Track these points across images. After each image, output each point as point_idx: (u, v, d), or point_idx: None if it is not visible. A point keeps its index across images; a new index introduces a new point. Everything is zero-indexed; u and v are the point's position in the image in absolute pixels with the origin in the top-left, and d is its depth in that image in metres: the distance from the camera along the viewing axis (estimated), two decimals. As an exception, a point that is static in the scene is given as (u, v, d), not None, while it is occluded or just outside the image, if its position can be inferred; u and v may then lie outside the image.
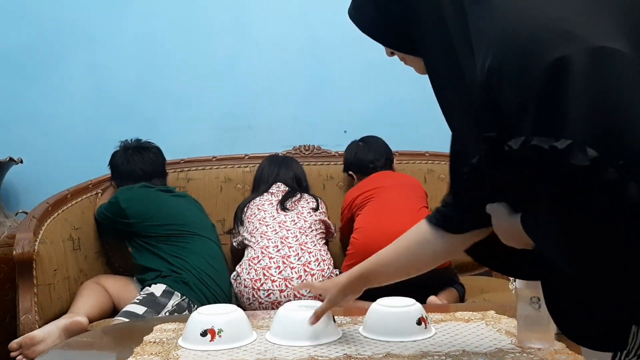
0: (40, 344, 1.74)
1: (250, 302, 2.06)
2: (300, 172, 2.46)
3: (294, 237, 2.14)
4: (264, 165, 2.47)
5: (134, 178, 2.30)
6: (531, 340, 1.28)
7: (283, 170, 2.42)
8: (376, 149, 2.45)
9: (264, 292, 2.03)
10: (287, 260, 2.07)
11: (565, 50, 0.65)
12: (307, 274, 2.06)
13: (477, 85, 0.75)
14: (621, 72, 0.64)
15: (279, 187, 2.35)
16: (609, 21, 0.67)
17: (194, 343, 1.34)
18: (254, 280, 2.05)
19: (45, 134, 2.67)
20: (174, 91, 2.73)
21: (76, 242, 2.20)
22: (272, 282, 2.04)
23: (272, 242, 2.12)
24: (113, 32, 2.71)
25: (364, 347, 1.31)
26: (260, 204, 2.28)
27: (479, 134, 0.76)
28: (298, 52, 2.74)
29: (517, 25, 0.70)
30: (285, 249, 2.10)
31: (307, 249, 2.11)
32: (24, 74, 2.68)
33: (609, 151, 0.61)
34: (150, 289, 2.00)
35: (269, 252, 2.10)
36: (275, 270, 2.05)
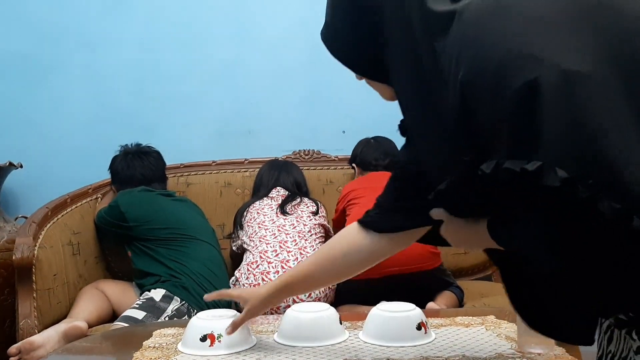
0: (39, 349, 1.74)
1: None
2: (300, 177, 2.47)
3: (293, 241, 2.14)
4: (264, 170, 2.48)
5: (134, 182, 2.30)
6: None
7: (283, 175, 2.42)
8: (384, 149, 2.45)
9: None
10: (286, 265, 2.07)
11: (535, 73, 0.66)
12: None
13: (451, 111, 0.76)
14: (591, 93, 0.65)
15: (278, 191, 2.35)
16: (580, 42, 0.68)
17: (193, 348, 1.34)
18: (252, 286, 2.04)
19: (44, 139, 2.67)
20: (174, 96, 2.73)
21: (76, 247, 2.20)
22: None
23: (270, 246, 2.12)
24: (112, 37, 2.71)
25: (364, 352, 1.30)
26: (260, 208, 2.28)
27: (450, 159, 0.77)
28: (298, 57, 2.75)
29: (487, 50, 0.71)
30: (284, 253, 2.10)
31: (306, 253, 2.11)
32: (23, 79, 2.68)
33: (581, 171, 0.63)
34: (150, 293, 2.00)
35: (268, 256, 2.09)
36: (274, 275, 2.04)
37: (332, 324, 1.40)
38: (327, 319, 1.40)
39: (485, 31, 0.73)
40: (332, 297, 2.11)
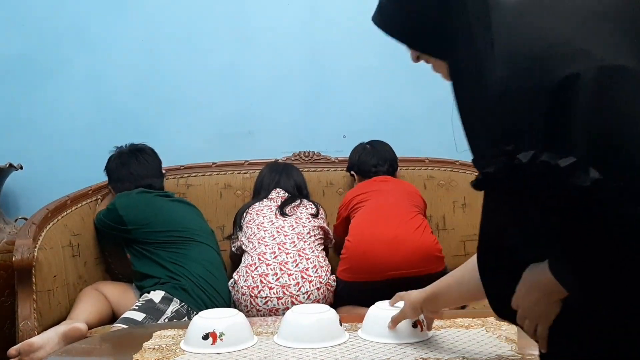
0: (39, 351, 1.74)
1: (248, 310, 2.04)
2: (300, 180, 2.46)
3: (292, 242, 2.13)
4: (264, 172, 2.47)
5: (131, 181, 2.29)
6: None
7: (284, 178, 2.42)
8: (381, 154, 2.45)
9: (261, 300, 2.02)
10: (285, 266, 2.06)
11: (575, 68, 0.66)
12: (304, 280, 2.05)
13: (493, 96, 0.76)
14: (630, 88, 0.64)
15: (278, 192, 2.35)
16: (618, 39, 0.67)
17: (195, 346, 1.35)
18: (251, 288, 2.04)
19: (45, 141, 2.67)
20: (174, 97, 2.73)
21: (75, 248, 2.19)
22: (270, 290, 2.03)
23: (269, 248, 2.12)
24: (112, 39, 2.71)
25: (363, 353, 1.30)
26: (259, 209, 2.28)
27: (493, 143, 0.77)
28: (298, 58, 2.75)
29: (529, 42, 0.71)
30: (283, 255, 2.09)
31: (305, 255, 2.11)
32: (23, 81, 2.68)
33: (613, 168, 0.62)
34: (149, 295, 1.99)
35: (266, 258, 2.09)
36: (272, 277, 2.04)
37: (332, 325, 1.40)
38: (327, 321, 1.40)
39: (528, 23, 0.73)
40: (331, 298, 2.11)
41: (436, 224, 2.52)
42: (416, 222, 2.10)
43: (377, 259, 2.01)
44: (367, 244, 2.04)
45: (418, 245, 2.02)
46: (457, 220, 2.53)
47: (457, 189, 2.58)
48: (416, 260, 2.01)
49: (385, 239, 2.02)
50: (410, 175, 2.59)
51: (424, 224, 2.12)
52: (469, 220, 2.53)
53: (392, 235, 2.03)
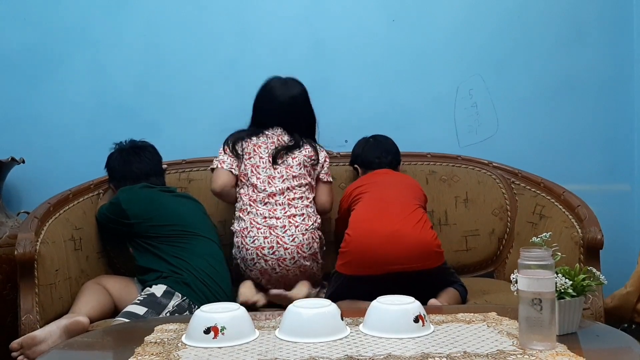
0: (41, 344, 1.74)
1: (239, 249, 2.19)
2: (308, 115, 2.43)
3: (281, 193, 2.22)
4: (270, 88, 2.41)
5: (132, 178, 2.29)
6: (533, 342, 1.27)
7: (288, 117, 2.37)
8: (384, 147, 2.45)
9: (250, 239, 2.17)
10: (273, 212, 2.19)
11: None
12: (291, 224, 2.18)
13: None
14: None
15: (275, 131, 2.35)
16: None
17: (197, 340, 1.35)
18: (242, 229, 2.19)
19: (47, 135, 2.67)
20: (176, 92, 2.73)
21: (78, 242, 2.20)
22: (257, 230, 2.17)
23: (260, 196, 2.22)
24: (115, 34, 2.71)
25: (365, 347, 1.31)
26: (257, 145, 2.32)
27: None
28: (300, 53, 2.74)
29: None
30: (272, 202, 2.21)
31: (294, 204, 2.22)
32: (26, 76, 2.68)
33: None
34: (151, 289, 2.00)
35: (257, 205, 2.21)
36: (268, 251, 2.16)
37: (334, 320, 1.41)
38: (328, 315, 1.40)
39: None
40: (317, 250, 2.23)
41: (438, 219, 2.52)
42: (416, 216, 2.10)
43: (376, 254, 2.01)
44: (367, 238, 2.04)
45: (418, 240, 2.02)
46: (458, 216, 2.53)
47: (459, 184, 2.58)
48: (415, 255, 2.01)
49: (385, 234, 2.02)
50: (413, 170, 2.59)
51: (424, 218, 2.11)
52: (471, 216, 2.53)
53: (392, 230, 2.03)
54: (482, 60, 2.79)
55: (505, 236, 2.53)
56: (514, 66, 2.80)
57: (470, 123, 2.80)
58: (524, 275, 1.28)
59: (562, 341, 1.31)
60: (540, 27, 2.80)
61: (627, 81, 2.83)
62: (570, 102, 2.81)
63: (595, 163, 2.82)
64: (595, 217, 2.13)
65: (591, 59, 2.81)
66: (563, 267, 1.45)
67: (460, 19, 2.79)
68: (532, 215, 2.42)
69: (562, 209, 2.29)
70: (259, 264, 2.16)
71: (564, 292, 1.38)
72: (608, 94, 2.82)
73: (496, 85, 2.79)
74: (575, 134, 2.81)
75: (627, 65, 2.82)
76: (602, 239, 2.04)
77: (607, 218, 2.25)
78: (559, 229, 2.19)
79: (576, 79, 2.81)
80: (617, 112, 2.83)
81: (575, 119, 2.81)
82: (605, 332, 1.47)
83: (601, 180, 2.82)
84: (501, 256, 2.53)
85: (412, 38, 2.78)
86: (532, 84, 2.80)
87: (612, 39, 2.82)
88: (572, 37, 2.81)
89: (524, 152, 2.75)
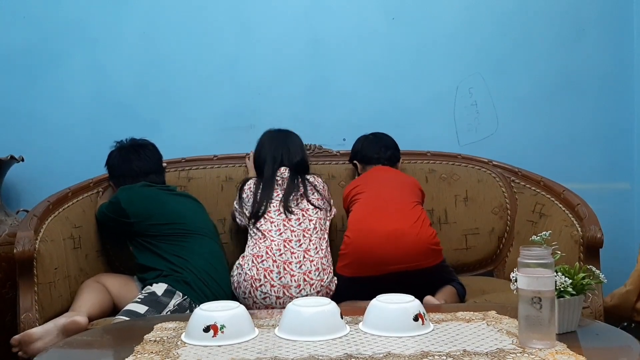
0: (37, 342, 1.75)
1: (245, 297, 2.06)
2: (303, 154, 2.39)
3: (298, 241, 2.12)
4: (265, 144, 2.38)
5: (132, 176, 2.29)
6: (532, 340, 1.27)
7: (286, 154, 2.33)
8: (383, 143, 2.45)
9: (260, 294, 2.04)
10: (288, 267, 2.06)
11: None
12: (306, 283, 2.05)
13: None
14: None
15: (283, 174, 2.28)
16: None
17: (196, 339, 1.35)
18: (254, 279, 2.05)
19: (46, 133, 2.66)
20: (175, 90, 2.73)
21: (77, 240, 2.20)
22: (271, 287, 2.03)
23: (275, 244, 2.10)
24: (114, 32, 2.70)
25: (364, 346, 1.30)
26: (267, 197, 2.22)
27: None
28: (300, 51, 2.74)
29: None
30: (288, 254, 2.08)
31: (309, 257, 2.09)
32: (25, 74, 2.68)
33: None
34: (152, 288, 2.00)
35: (273, 254, 2.08)
36: (276, 275, 2.04)
37: (333, 318, 1.41)
38: (328, 314, 1.40)
39: None
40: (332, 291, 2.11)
41: (438, 218, 2.52)
42: (415, 214, 2.10)
43: (376, 255, 2.01)
44: (366, 238, 2.03)
45: (417, 239, 2.02)
46: (458, 214, 2.53)
47: (458, 182, 2.58)
48: (415, 254, 2.01)
49: (384, 234, 2.02)
50: (412, 169, 2.59)
51: (423, 215, 2.11)
52: (471, 214, 2.53)
53: (391, 229, 2.03)
54: (482, 59, 2.79)
55: (505, 235, 2.53)
56: (514, 65, 2.80)
57: (470, 121, 2.80)
58: (524, 273, 1.28)
59: (561, 340, 1.31)
60: (540, 26, 2.80)
61: (627, 80, 2.83)
62: (570, 101, 2.81)
63: (595, 161, 2.82)
64: (595, 215, 2.13)
65: (591, 58, 2.81)
66: (563, 266, 1.45)
67: (460, 18, 2.79)
68: (532, 213, 2.42)
69: (562, 207, 2.29)
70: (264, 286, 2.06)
71: (564, 290, 1.38)
72: (608, 93, 2.82)
73: (496, 83, 2.79)
74: (575, 133, 2.81)
75: (627, 64, 2.82)
76: (601, 238, 2.04)
77: (606, 216, 2.25)
78: (559, 227, 2.19)
79: (576, 78, 2.81)
80: (617, 111, 2.83)
81: (575, 118, 2.81)
82: (605, 330, 1.47)
83: (601, 179, 2.82)
84: (501, 255, 2.53)
85: (412, 36, 2.78)
86: (532, 82, 2.80)
87: (612, 38, 2.82)
88: (572, 35, 2.81)
89: (523, 151, 2.75)
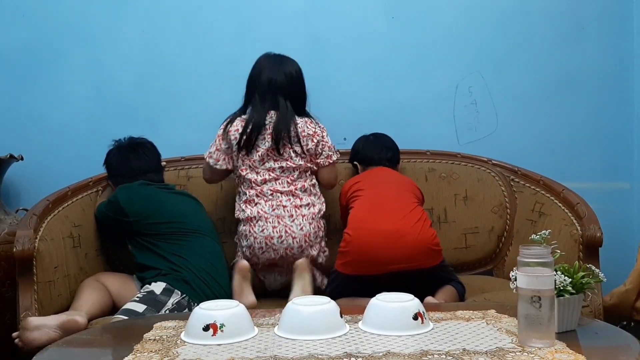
0: (33, 331, 1.75)
1: (247, 237, 2.17)
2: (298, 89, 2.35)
3: (282, 186, 2.21)
4: (262, 67, 2.36)
5: (131, 175, 2.29)
6: (532, 339, 1.27)
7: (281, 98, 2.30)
8: (384, 144, 2.45)
9: (259, 228, 2.16)
10: (284, 223, 2.17)
11: None
12: (298, 214, 2.18)
13: None
14: None
15: (272, 117, 2.26)
16: None
17: (196, 338, 1.35)
18: (249, 218, 2.18)
19: (45, 132, 2.66)
20: (175, 89, 2.72)
21: (76, 239, 2.19)
22: (266, 220, 2.16)
23: (263, 192, 2.20)
24: (113, 30, 2.70)
25: (364, 345, 1.30)
26: (253, 140, 2.24)
27: None
28: (298, 50, 2.72)
29: None
30: (278, 195, 2.20)
31: (298, 195, 2.22)
32: (24, 72, 2.67)
33: None
34: (151, 287, 2.00)
35: (264, 194, 2.21)
36: (277, 240, 2.15)
37: (333, 317, 1.41)
38: (327, 313, 1.40)
39: None
40: (323, 231, 2.22)
41: (437, 217, 2.51)
42: (416, 214, 2.10)
43: (377, 254, 2.01)
44: (367, 238, 2.03)
45: (418, 239, 2.02)
46: (458, 213, 2.53)
47: (458, 181, 2.57)
48: (415, 255, 2.01)
49: (386, 234, 2.02)
50: (412, 168, 2.59)
51: (424, 216, 2.11)
52: (470, 213, 2.53)
53: (393, 230, 2.03)
54: (482, 58, 2.79)
55: (505, 234, 2.53)
56: (514, 64, 2.80)
57: (469, 120, 2.79)
58: (523, 272, 1.28)
59: (561, 339, 1.31)
60: (540, 25, 2.80)
61: (627, 79, 2.82)
62: (570, 100, 2.81)
63: (595, 161, 2.82)
64: (594, 214, 2.13)
65: (591, 57, 2.81)
66: (562, 265, 1.45)
67: (460, 16, 2.78)
68: (532, 212, 2.42)
69: (561, 206, 2.29)
70: (267, 253, 2.17)
71: (563, 289, 1.38)
72: (608, 92, 2.82)
73: (496, 82, 2.79)
74: (574, 132, 2.81)
75: (627, 63, 2.82)
76: (601, 237, 2.04)
77: (606, 216, 2.25)
78: (559, 226, 2.19)
79: (576, 77, 2.81)
80: (617, 110, 2.83)
81: (575, 117, 2.81)
82: (604, 329, 1.47)
83: (601, 178, 2.82)
84: (500, 254, 2.53)
85: (412, 35, 2.78)
86: (532, 81, 2.80)
87: (612, 37, 2.81)
88: (572, 34, 2.80)
89: (523, 150, 2.75)
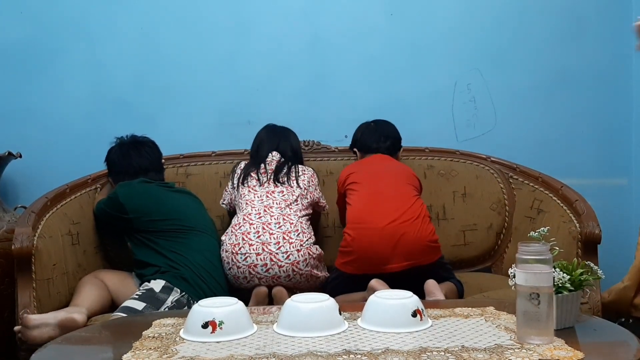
0: (33, 330, 1.75)
1: (230, 267, 2.10)
2: (297, 144, 2.47)
3: (278, 207, 2.17)
4: (262, 135, 2.44)
5: (131, 173, 2.29)
6: (530, 336, 1.28)
7: (282, 142, 2.40)
8: (384, 132, 2.44)
9: (241, 256, 2.07)
10: (267, 226, 2.11)
11: None
12: (285, 241, 2.08)
13: None
14: None
15: (274, 156, 2.34)
16: None
17: (195, 335, 1.35)
18: (233, 245, 2.10)
19: (44, 129, 2.66)
20: (173, 86, 2.72)
21: (75, 236, 2.19)
22: (250, 247, 2.07)
23: (255, 209, 2.15)
24: (112, 27, 2.70)
25: (363, 342, 1.31)
26: (254, 172, 2.29)
27: None
28: (298, 47, 2.74)
29: None
30: (267, 217, 2.13)
31: (290, 219, 2.14)
32: (23, 69, 2.67)
33: None
34: (150, 284, 1.99)
35: (251, 218, 2.13)
36: (254, 235, 2.09)
37: (332, 314, 1.41)
38: (326, 310, 1.40)
39: None
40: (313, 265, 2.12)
41: (436, 214, 2.52)
42: (415, 210, 2.09)
43: (378, 254, 2.01)
44: (368, 237, 2.03)
45: (418, 237, 2.02)
46: (456, 210, 2.53)
47: (457, 178, 2.58)
48: (416, 252, 2.02)
49: (387, 234, 2.02)
50: (411, 165, 2.58)
51: (423, 212, 2.10)
52: (469, 210, 2.53)
53: (393, 229, 2.02)
54: (481, 55, 2.79)
55: (503, 231, 2.53)
56: (512, 61, 2.80)
57: (468, 117, 2.79)
58: (522, 269, 1.28)
59: (559, 335, 1.31)
60: (538, 22, 2.80)
61: (625, 76, 2.83)
62: (568, 97, 2.81)
63: (593, 157, 2.83)
64: (593, 212, 2.13)
65: (589, 54, 2.81)
66: (561, 262, 1.45)
67: (458, 13, 2.78)
68: (530, 209, 2.43)
69: (560, 203, 2.29)
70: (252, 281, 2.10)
71: (562, 286, 1.38)
72: (606, 89, 2.82)
73: (494, 79, 2.79)
74: (573, 128, 2.81)
75: (625, 60, 2.82)
76: (599, 234, 2.04)
77: (604, 212, 2.25)
78: (557, 223, 2.19)
79: (574, 74, 2.81)
80: (615, 107, 2.83)
81: (573, 114, 2.81)
82: (603, 326, 1.47)
83: (599, 175, 2.82)
84: (499, 251, 2.54)
85: (410, 32, 2.77)
86: (530, 78, 2.80)
87: (611, 34, 2.81)
88: (570, 31, 2.80)
89: (522, 147, 2.75)
